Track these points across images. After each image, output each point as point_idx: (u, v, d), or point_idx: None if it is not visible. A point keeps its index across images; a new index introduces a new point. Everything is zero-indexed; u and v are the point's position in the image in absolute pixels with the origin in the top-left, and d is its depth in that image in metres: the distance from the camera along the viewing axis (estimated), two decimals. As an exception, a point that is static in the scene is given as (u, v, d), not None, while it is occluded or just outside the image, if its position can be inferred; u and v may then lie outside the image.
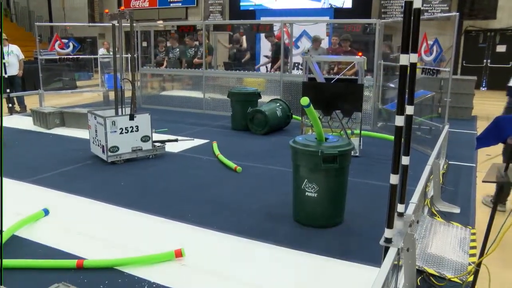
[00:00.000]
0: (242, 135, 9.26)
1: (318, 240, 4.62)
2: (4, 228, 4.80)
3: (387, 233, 2.93)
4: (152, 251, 4.35)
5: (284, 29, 11.51)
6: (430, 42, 7.83)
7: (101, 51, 16.44)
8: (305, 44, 13.92)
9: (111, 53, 16.18)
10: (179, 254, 4.22)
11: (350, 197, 5.15)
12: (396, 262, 3.02)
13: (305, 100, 4.70)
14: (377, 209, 5.24)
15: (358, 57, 8.95)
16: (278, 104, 9.68)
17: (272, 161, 7.28)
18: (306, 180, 4.83)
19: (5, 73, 12.04)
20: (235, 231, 4.81)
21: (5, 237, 4.55)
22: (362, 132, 7.83)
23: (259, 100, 9.94)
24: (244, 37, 15.00)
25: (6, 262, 4.13)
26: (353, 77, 8.95)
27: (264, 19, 17.65)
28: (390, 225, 2.93)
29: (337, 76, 7.96)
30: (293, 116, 9.81)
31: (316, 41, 11.85)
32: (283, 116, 9.57)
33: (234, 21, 18.02)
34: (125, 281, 3.92)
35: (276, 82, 11.09)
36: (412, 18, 2.75)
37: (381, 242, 2.95)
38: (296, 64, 13.34)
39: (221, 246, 4.55)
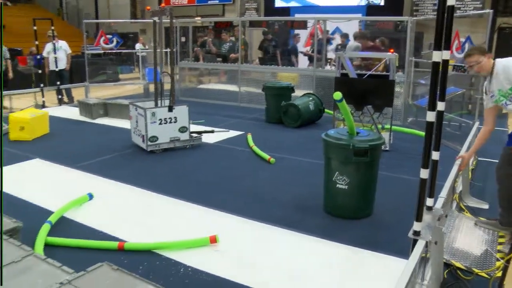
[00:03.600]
0: (276, 128, 9.24)
1: (347, 231, 4.58)
2: (53, 210, 4.95)
3: (416, 226, 2.89)
4: (188, 237, 4.40)
5: (317, 26, 11.41)
6: (462, 40, 7.64)
7: (138, 46, 16.63)
8: (338, 40, 13.76)
9: (147, 48, 16.46)
10: (213, 240, 4.26)
11: (380, 190, 5.08)
12: (424, 255, 2.98)
13: (338, 95, 4.66)
14: (406, 202, 5.16)
15: (390, 53, 8.82)
16: (310, 98, 9.62)
17: (304, 154, 7.25)
18: (337, 172, 4.79)
19: (56, 67, 12.35)
20: (268, 220, 4.81)
21: (54, 218, 4.68)
22: (393, 127, 7.72)
23: (292, 94, 9.89)
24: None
25: (55, 240, 4.28)
26: (384, 73, 8.81)
27: (298, 16, 17.51)
28: (419, 218, 2.88)
29: (369, 72, 7.85)
30: (325, 110, 9.72)
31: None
32: (315, 110, 9.51)
33: (269, 18, 17.95)
34: (162, 264, 3.98)
35: (309, 77, 11.02)
36: (445, 15, 2.68)
37: (410, 234, 2.91)
38: (329, 60, 13.20)
39: (253, 234, 4.56)
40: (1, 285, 2.39)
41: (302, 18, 15.59)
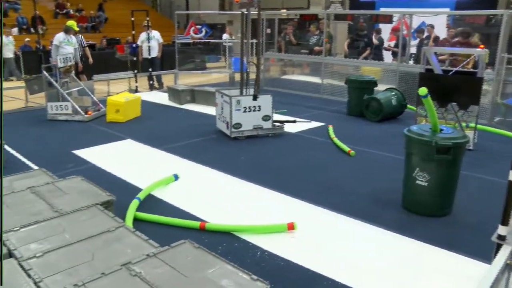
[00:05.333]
0: (357, 121, 9.06)
1: (424, 228, 4.41)
2: (142, 187, 5.19)
3: (501, 230, 2.71)
4: (265, 222, 4.45)
5: (403, 20, 11.00)
6: None
7: (225, 36, 16.87)
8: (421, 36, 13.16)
9: (234, 38, 16.69)
10: (291, 227, 4.27)
11: (461, 190, 4.84)
12: (509, 262, 2.80)
13: (423, 91, 4.48)
14: (488, 204, 4.90)
15: (479, 49, 8.32)
16: (393, 93, 9.33)
17: (384, 148, 7.05)
18: (417, 168, 4.63)
19: (148, 55, 12.88)
20: (345, 211, 4.75)
21: (142, 195, 4.92)
22: (478, 126, 7.30)
23: (375, 88, 9.65)
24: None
25: (143, 215, 4.50)
26: (472, 70, 8.34)
27: (383, 10, 16.98)
28: (505, 222, 2.70)
29: (456, 68, 7.46)
30: (407, 105, 9.40)
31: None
32: (397, 105, 9.21)
33: (354, 11, 17.55)
34: (240, 246, 4.05)
35: (392, 72, 10.68)
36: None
37: (493, 238, 2.73)
38: (413, 55, 12.68)
39: (330, 224, 4.52)
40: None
41: (388, 12, 15.09)
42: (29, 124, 8.81)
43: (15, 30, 20.61)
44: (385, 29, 14.40)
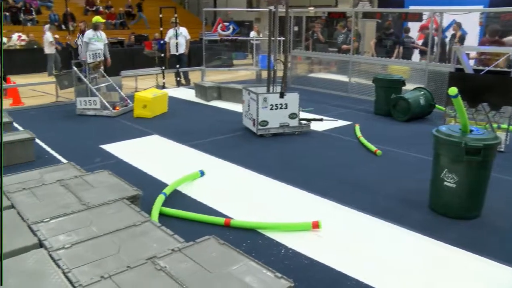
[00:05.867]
0: (384, 120, 8.96)
1: (451, 231, 4.33)
2: (167, 182, 5.25)
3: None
4: (290, 219, 4.44)
5: (433, 18, 10.81)
6: None
7: (252, 34, 16.86)
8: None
9: (261, 36, 16.67)
10: (316, 225, 4.25)
11: (491, 193, 4.72)
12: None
13: (453, 90, 4.39)
14: (521, 208, 4.79)
15: (514, 48, 8.13)
16: (422, 92, 9.19)
17: (411, 148, 6.95)
18: (446, 170, 4.55)
19: (176, 51, 13.01)
20: (370, 211, 4.71)
21: (168, 190, 4.97)
22: (510, 127, 7.14)
23: (403, 88, 9.52)
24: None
25: (169, 210, 4.55)
26: (505, 69, 8.15)
27: (412, 8, 16.68)
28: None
29: (487, 68, 7.30)
30: (436, 105, 9.25)
31: None
32: (425, 105, 9.07)
33: (383, 9, 17.31)
34: (265, 243, 4.05)
35: (421, 71, 10.51)
36: None
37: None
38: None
39: (355, 224, 4.48)
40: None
41: (418, 10, 14.83)
42: (59, 118, 9.00)
43: (47, 27, 21.04)
44: (414, 27, 14.18)
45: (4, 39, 17.55)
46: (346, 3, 21.60)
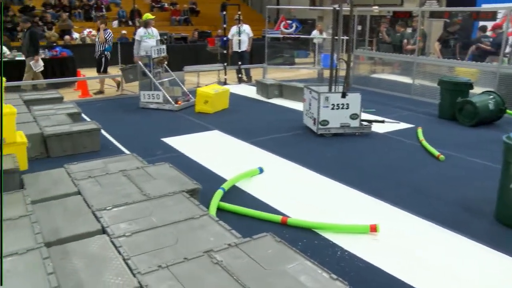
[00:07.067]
0: (448, 125, 8.64)
1: (521, 245, 4.12)
2: (226, 177, 5.31)
3: None
4: (346, 221, 4.38)
5: (509, 17, 10.27)
6: None
7: (314, 33, 16.75)
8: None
9: (324, 35, 16.51)
10: (373, 229, 4.17)
11: None
12: None
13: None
14: None
15: None
16: (491, 96, 8.77)
17: (477, 154, 6.65)
18: (517, 179, 4.32)
19: (238, 48, 13.16)
20: (430, 217, 4.55)
21: (227, 185, 5.03)
22: None
23: (470, 91, 9.13)
24: None
25: (227, 205, 4.60)
26: None
27: (485, 6, 15.94)
28: None
29: None
30: (507, 111, 8.80)
31: None
32: (495, 110, 8.65)
33: (452, 8, 16.68)
34: (321, 243, 4.02)
35: (491, 74, 10.04)
36: None
37: None
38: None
39: (414, 229, 4.35)
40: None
41: (491, 8, 14.14)
42: (123, 111, 9.32)
43: (115, 23, 21.88)
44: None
45: (76, 35, 18.44)
46: (412, 2, 21.00)
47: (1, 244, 2.78)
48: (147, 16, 11.18)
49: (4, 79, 5.45)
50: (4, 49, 12.44)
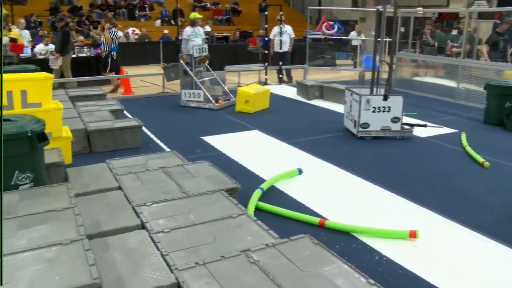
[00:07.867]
0: (495, 130, 8.37)
1: None
2: (265, 177, 5.32)
3: None
4: (384, 225, 4.30)
5: None
6: None
7: (352, 34, 16.56)
8: None
9: (362, 36, 16.30)
10: (413, 235, 4.08)
11: None
12: None
13: None
14: None
15: None
16: (542, 102, 8.46)
17: (526, 162, 6.44)
18: None
19: (280, 48, 13.20)
20: (472, 225, 4.41)
21: (266, 185, 5.04)
22: None
23: (520, 96, 8.83)
24: None
25: (265, 205, 4.60)
26: None
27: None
28: None
29: None
30: (560, 118, 8.46)
31: None
32: (547, 116, 8.35)
33: (503, 8, 16.12)
34: (358, 247, 3.97)
35: (544, 78, 9.68)
36: None
37: None
38: None
39: (455, 237, 4.23)
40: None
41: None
42: (164, 108, 9.48)
43: (158, 22, 22.29)
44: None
45: (120, 33, 18.89)
46: (459, 3, 20.45)
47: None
48: (195, 15, 11.33)
49: (51, 75, 5.62)
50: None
